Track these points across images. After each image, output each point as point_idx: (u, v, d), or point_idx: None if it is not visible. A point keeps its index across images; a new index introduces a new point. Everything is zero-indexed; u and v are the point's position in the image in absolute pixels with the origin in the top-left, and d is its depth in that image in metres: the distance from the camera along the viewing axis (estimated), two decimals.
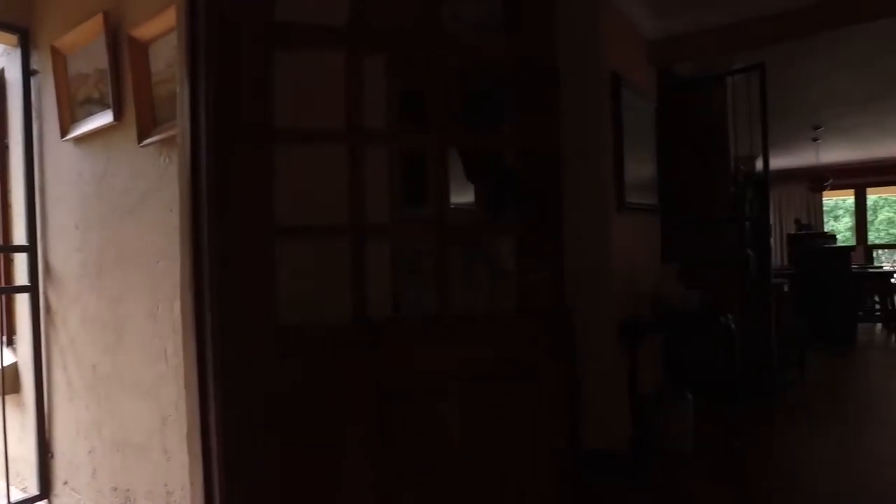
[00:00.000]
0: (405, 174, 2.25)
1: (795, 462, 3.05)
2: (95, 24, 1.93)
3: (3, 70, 2.53)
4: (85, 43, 2.01)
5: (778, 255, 11.11)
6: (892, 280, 6.75)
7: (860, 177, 10.87)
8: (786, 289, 4.71)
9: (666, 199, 4.65)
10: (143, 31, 1.83)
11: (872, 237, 11.55)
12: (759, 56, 4.15)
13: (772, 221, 11.31)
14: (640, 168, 3.40)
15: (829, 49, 4.50)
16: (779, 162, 10.20)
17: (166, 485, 1.93)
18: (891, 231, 15.43)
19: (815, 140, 8.09)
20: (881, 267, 7.26)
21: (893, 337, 6.31)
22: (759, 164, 5.71)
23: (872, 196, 11.41)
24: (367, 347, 1.32)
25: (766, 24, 3.36)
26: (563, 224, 1.44)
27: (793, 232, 9.48)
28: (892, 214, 15.60)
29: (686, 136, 4.62)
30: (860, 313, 6.69)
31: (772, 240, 9.66)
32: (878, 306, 7.03)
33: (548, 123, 1.41)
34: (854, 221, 11.39)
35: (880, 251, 11.20)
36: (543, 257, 1.39)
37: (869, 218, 11.46)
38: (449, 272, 1.37)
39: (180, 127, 1.37)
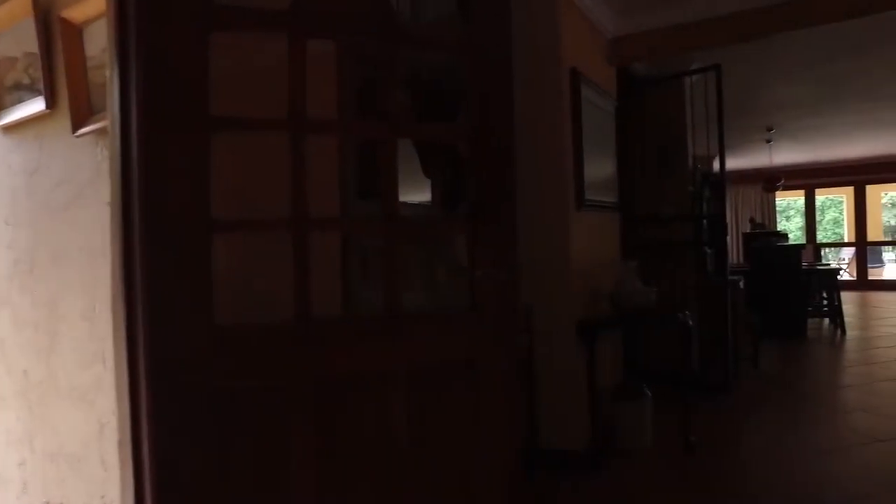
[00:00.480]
0: (363, 168, 2.19)
1: (747, 453, 3.11)
2: (23, 3, 1.80)
3: None
4: (11, 24, 1.87)
5: (734, 252, 11.44)
6: (839, 277, 7.00)
7: (809, 178, 11.28)
8: (741, 285, 4.81)
9: (625, 197, 4.71)
10: (76, 13, 1.71)
11: (821, 236, 12.01)
12: (716, 57, 4.24)
13: (728, 220, 11.65)
14: (600, 166, 3.41)
15: (781, 52, 4.61)
16: (735, 162, 10.48)
17: (103, 497, 1.82)
18: (836, 230, 16.06)
19: (768, 142, 8.34)
20: (828, 264, 7.52)
21: (839, 331, 6.54)
22: (716, 164, 5.83)
23: (820, 197, 11.84)
24: (311, 347, 1.25)
25: (721, 23, 3.41)
26: (516, 220, 1.41)
27: (748, 230, 9.76)
28: (837, 214, 16.23)
29: (645, 135, 4.69)
30: (810, 308, 6.92)
31: (728, 238, 9.90)
32: (825, 302, 7.27)
33: (501, 117, 1.37)
34: (804, 221, 11.82)
35: (827, 249, 11.64)
36: (495, 254, 1.35)
37: (817, 218, 11.89)
38: (398, 269, 1.32)
39: (110, 115, 1.29)
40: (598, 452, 2.93)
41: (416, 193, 2.68)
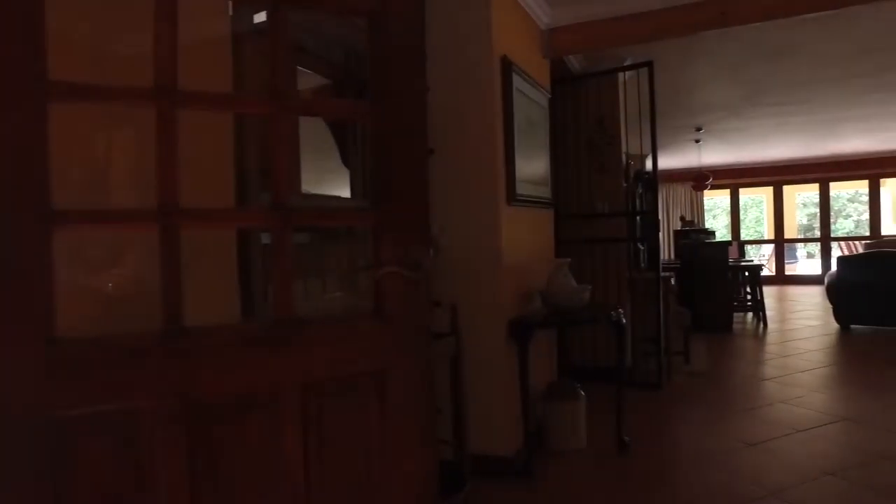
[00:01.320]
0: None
1: (679, 451, 3.09)
2: None
3: None
4: None
5: (665, 249, 11.78)
6: (762, 273, 7.27)
7: (734, 178, 11.76)
8: (672, 282, 4.86)
9: (559, 193, 4.65)
10: None
11: (744, 234, 12.56)
12: (649, 55, 4.23)
13: (660, 217, 11.99)
14: (533, 160, 3.31)
15: (709, 54, 4.68)
16: (666, 161, 10.78)
17: None
18: (757, 228, 16.91)
19: (697, 141, 8.57)
20: (752, 261, 7.81)
21: (762, 325, 6.78)
22: (649, 163, 5.88)
23: (744, 196, 12.37)
24: (182, 362, 1.04)
25: (654, 18, 3.38)
26: (429, 209, 1.25)
27: (678, 228, 10.04)
28: (758, 213, 17.07)
29: (579, 130, 4.64)
30: (736, 303, 7.15)
31: (660, 235, 10.04)
32: (749, 297, 7.55)
33: (408, 87, 1.20)
34: (729, 219, 12.32)
35: (749, 246, 12.16)
36: (402, 249, 1.18)
37: (741, 216, 12.42)
38: (288, 269, 1.13)
39: None
40: (530, 456, 2.82)
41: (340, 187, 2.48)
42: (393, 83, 1.20)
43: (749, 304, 7.31)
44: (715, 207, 15.44)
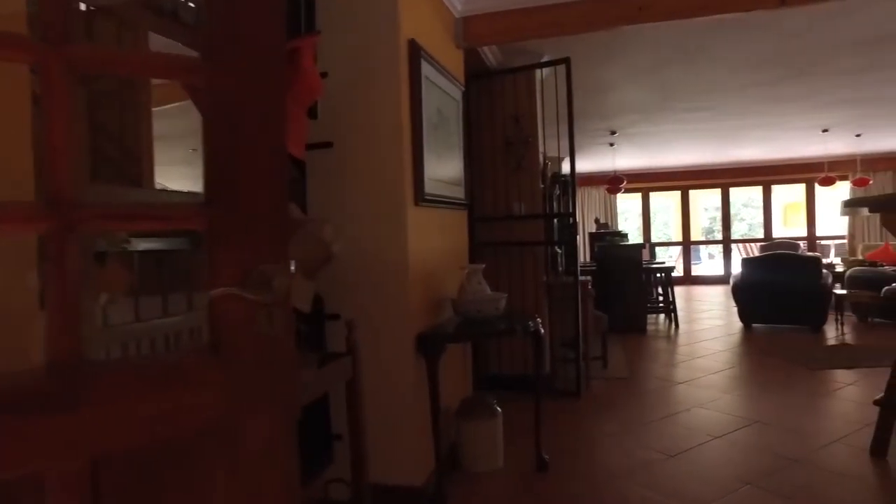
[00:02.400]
0: (109, 142, 1.57)
1: (599, 465, 2.92)
2: None
3: None
4: None
5: (581, 251, 11.96)
6: (673, 274, 7.43)
7: (645, 182, 12.15)
8: (590, 286, 4.77)
9: (475, 193, 4.43)
10: None
11: (654, 236, 13.01)
12: (567, 52, 4.10)
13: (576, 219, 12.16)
14: (445, 157, 3.04)
15: (625, 53, 4.62)
16: (581, 165, 10.93)
17: None
18: (665, 231, 17.70)
19: (611, 145, 8.69)
20: (663, 262, 8.00)
21: (674, 326, 6.91)
22: (566, 166, 5.82)
23: (654, 200, 12.81)
24: None
25: (570, 10, 3.21)
26: (287, 213, 0.93)
27: (593, 230, 10.19)
28: (666, 216, 17.84)
29: (495, 129, 4.44)
30: (649, 304, 7.26)
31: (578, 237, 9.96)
32: (661, 298, 7.71)
33: (263, 56, 0.88)
34: (641, 222, 12.72)
35: (658, 248, 12.60)
36: (250, 264, 0.86)
37: (651, 219, 12.84)
38: (74, 291, 0.77)
39: None
40: (442, 483, 2.54)
41: None
42: (237, 30, 0.87)
43: (661, 305, 7.45)
44: (626, 210, 15.94)
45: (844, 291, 6.38)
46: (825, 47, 4.60)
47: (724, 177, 11.85)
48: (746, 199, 17.40)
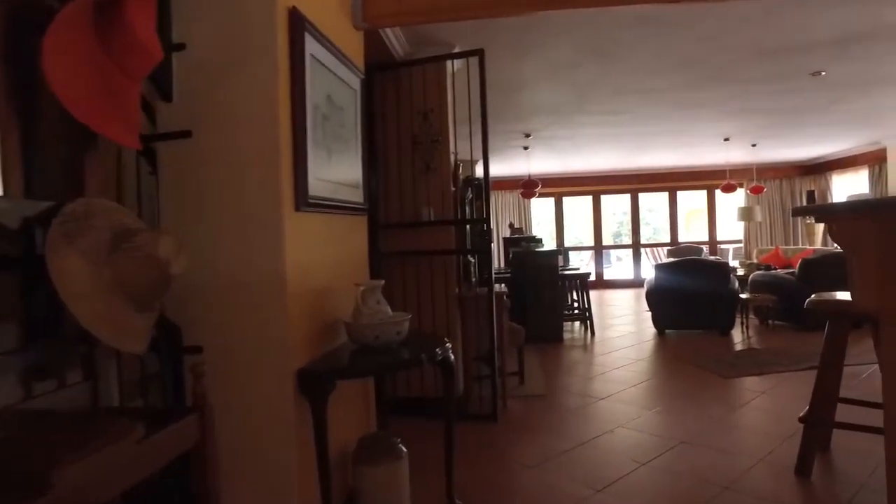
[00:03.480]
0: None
1: None
2: None
3: None
4: None
5: (496, 258, 11.79)
6: (589, 280, 7.33)
7: (558, 186, 12.20)
8: (506, 298, 4.45)
9: (379, 197, 3.99)
10: None
11: (566, 241, 13.10)
12: (481, 45, 3.76)
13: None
14: (339, 153, 2.57)
15: (541, 49, 4.35)
16: (496, 169, 10.75)
17: None
18: (576, 235, 18.05)
19: (525, 148, 8.52)
20: (578, 268, 7.91)
21: (590, 333, 6.79)
22: (479, 169, 5.46)
23: (567, 204, 12.90)
24: None
25: None
26: None
27: (508, 235, 10.02)
28: (579, 222, 18.21)
29: (401, 126, 4.03)
30: (566, 312, 7.11)
31: (493, 244, 9.70)
32: (576, 305, 7.60)
33: None
34: (554, 226, 12.76)
35: (571, 253, 12.70)
36: None
37: (565, 224, 12.92)
38: None
39: None
40: None
41: None
42: None
43: (577, 312, 7.32)
44: (539, 215, 16.06)
45: (749, 295, 6.50)
46: (734, 54, 4.56)
47: (633, 182, 12.12)
48: (651, 204, 18.11)
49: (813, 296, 2.82)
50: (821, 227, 10.83)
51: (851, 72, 5.13)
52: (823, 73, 5.12)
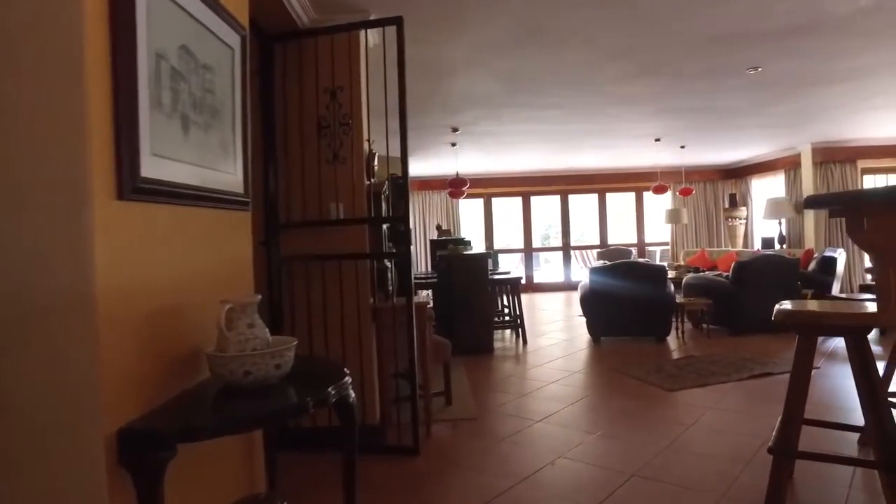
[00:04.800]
0: None
1: None
2: None
3: None
4: None
5: (421, 261, 11.26)
6: (521, 284, 6.91)
7: (488, 187, 11.83)
8: (430, 305, 3.90)
9: (277, 190, 3.35)
10: None
11: (496, 243, 12.76)
12: (399, 11, 3.19)
13: (416, 226, 11.41)
14: (203, 127, 1.92)
15: (469, 24, 3.84)
16: (422, 167, 10.23)
17: None
18: (506, 237, 17.83)
19: (453, 145, 8.04)
20: (509, 272, 7.48)
21: (522, 342, 6.36)
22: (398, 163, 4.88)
23: (496, 205, 12.55)
24: None
25: None
26: None
27: (435, 237, 9.50)
28: (508, 223, 17.99)
29: (306, 105, 3.39)
30: (496, 320, 6.66)
31: (415, 247, 9.08)
32: (507, 311, 7.18)
33: None
34: (484, 228, 12.38)
35: (500, 255, 12.36)
36: None
37: (494, 225, 12.56)
38: None
39: None
40: None
41: None
42: None
43: (508, 319, 6.89)
44: (469, 216, 15.68)
45: (684, 300, 6.29)
46: (674, 41, 4.24)
47: (563, 183, 11.94)
48: (578, 207, 18.17)
49: (783, 305, 2.43)
50: (742, 228, 11.05)
51: (787, 69, 4.97)
52: (760, 69, 4.92)
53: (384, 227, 3.56)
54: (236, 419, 1.55)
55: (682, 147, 9.05)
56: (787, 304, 2.44)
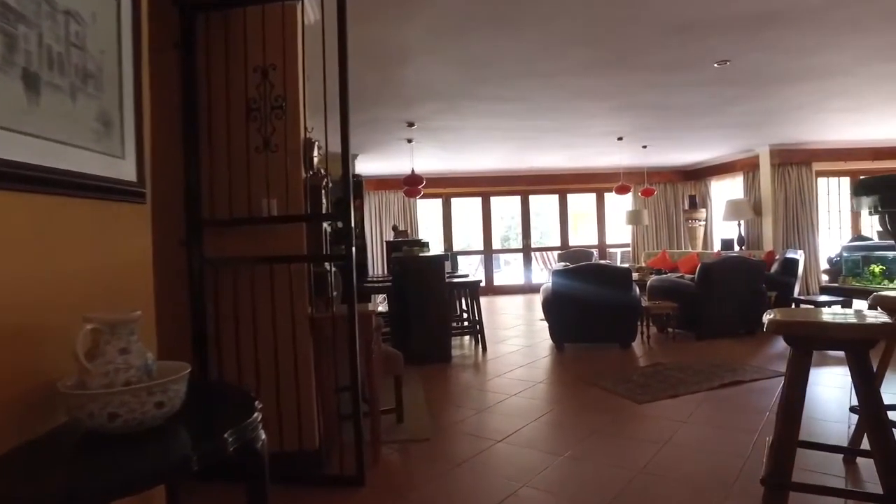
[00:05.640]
0: None
1: None
2: None
3: None
4: None
5: (377, 264, 10.81)
6: (480, 287, 6.56)
7: (446, 187, 11.48)
8: (377, 315, 3.50)
9: (198, 182, 2.90)
10: None
11: (455, 245, 12.42)
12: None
13: (370, 227, 10.96)
14: (67, 92, 1.48)
15: (424, 13, 3.47)
16: (378, 166, 9.79)
17: None
18: (465, 239, 17.52)
19: (409, 141, 7.65)
20: (468, 275, 7.13)
21: (481, 349, 6.02)
22: (357, 161, 4.51)
23: (455, 206, 12.21)
24: None
25: None
26: None
27: (391, 239, 9.09)
28: (468, 224, 17.69)
29: (234, 86, 2.95)
30: (454, 325, 6.29)
31: (371, 249, 8.60)
32: (466, 316, 6.83)
33: None
34: (442, 229, 12.01)
35: (460, 257, 12.03)
36: None
37: (453, 227, 12.22)
38: None
39: None
40: None
41: None
42: None
43: (467, 325, 6.54)
44: (427, 217, 15.31)
45: (649, 303, 6.07)
46: (642, 28, 3.96)
47: (524, 184, 11.70)
48: (538, 208, 18.01)
49: (771, 314, 2.13)
50: (702, 229, 11.02)
51: (756, 63, 4.77)
52: (729, 63, 4.71)
53: (326, 226, 3.14)
54: (98, 481, 1.11)
55: (645, 147, 8.90)
56: (776, 314, 2.15)
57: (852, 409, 3.31)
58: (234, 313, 2.91)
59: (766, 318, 2.17)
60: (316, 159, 3.16)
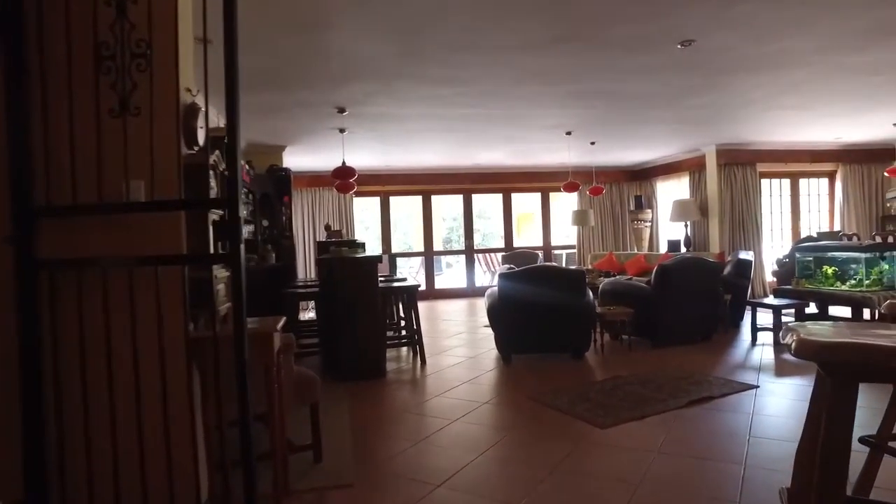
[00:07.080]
0: None
1: None
2: None
3: None
4: None
5: (307, 267, 9.98)
6: (419, 292, 5.91)
7: (384, 184, 10.78)
8: (281, 330, 2.79)
9: (32, 159, 2.13)
10: None
11: (395, 246, 11.73)
12: None
13: (301, 227, 10.11)
14: None
15: None
16: (310, 161, 8.98)
17: None
18: (405, 240, 16.80)
19: (342, 131, 6.93)
20: (405, 280, 6.46)
21: (420, 361, 5.37)
22: (286, 153, 3.78)
23: (394, 205, 11.52)
24: None
25: None
26: None
27: (323, 239, 8.33)
28: (407, 225, 16.99)
29: (79, 28, 2.19)
30: (390, 335, 5.62)
31: (301, 252, 7.67)
32: (403, 324, 6.16)
33: None
34: (380, 230, 11.29)
35: (399, 260, 11.33)
36: None
37: (392, 227, 11.52)
38: None
39: None
40: None
41: None
42: None
43: (404, 334, 5.87)
44: (364, 217, 14.52)
45: (603, 309, 5.60)
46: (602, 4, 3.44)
47: (466, 182, 11.15)
48: (480, 208, 17.52)
49: (798, 334, 1.59)
50: (648, 230, 10.80)
51: (721, 45, 4.37)
52: (693, 43, 4.28)
53: (212, 216, 2.41)
54: None
55: (593, 143, 8.53)
56: (806, 331, 1.61)
57: (862, 440, 2.86)
58: (79, 336, 2.14)
59: (791, 337, 1.63)
60: (201, 129, 2.43)
